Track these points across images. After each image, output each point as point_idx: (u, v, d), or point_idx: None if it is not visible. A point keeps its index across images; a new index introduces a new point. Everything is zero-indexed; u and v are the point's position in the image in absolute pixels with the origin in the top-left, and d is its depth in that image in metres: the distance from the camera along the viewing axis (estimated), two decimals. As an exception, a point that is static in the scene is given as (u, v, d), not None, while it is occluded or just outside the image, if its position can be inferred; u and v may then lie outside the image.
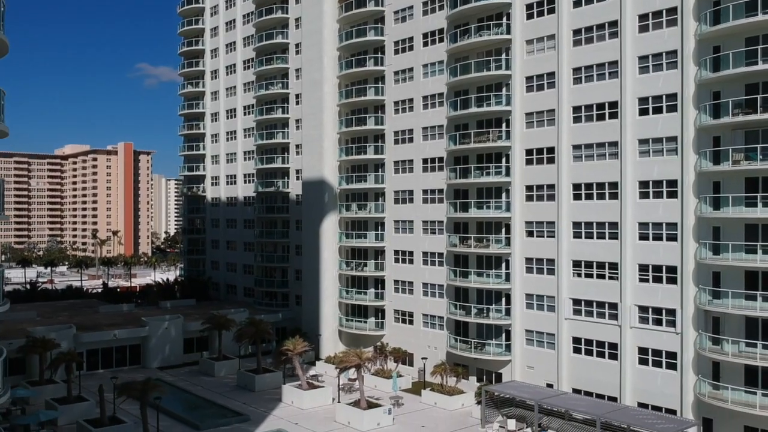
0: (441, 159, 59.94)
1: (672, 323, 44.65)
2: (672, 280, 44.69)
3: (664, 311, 45.12)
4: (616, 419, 42.49)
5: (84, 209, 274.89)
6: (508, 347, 54.36)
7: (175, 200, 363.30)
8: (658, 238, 45.47)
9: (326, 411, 51.87)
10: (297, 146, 76.67)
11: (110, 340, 64.00)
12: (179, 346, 68.14)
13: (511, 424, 46.80)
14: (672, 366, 44.65)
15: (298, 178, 76.37)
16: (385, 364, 60.30)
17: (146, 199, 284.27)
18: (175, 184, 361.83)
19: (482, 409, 48.84)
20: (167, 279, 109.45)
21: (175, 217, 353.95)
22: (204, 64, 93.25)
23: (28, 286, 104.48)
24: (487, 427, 47.49)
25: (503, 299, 55.01)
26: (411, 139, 62.90)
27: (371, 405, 49.33)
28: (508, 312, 54.37)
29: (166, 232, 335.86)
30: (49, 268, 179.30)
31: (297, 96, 76.58)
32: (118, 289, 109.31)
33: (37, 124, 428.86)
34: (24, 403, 48.52)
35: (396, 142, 64.41)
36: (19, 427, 44.13)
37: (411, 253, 63.03)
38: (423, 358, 57.88)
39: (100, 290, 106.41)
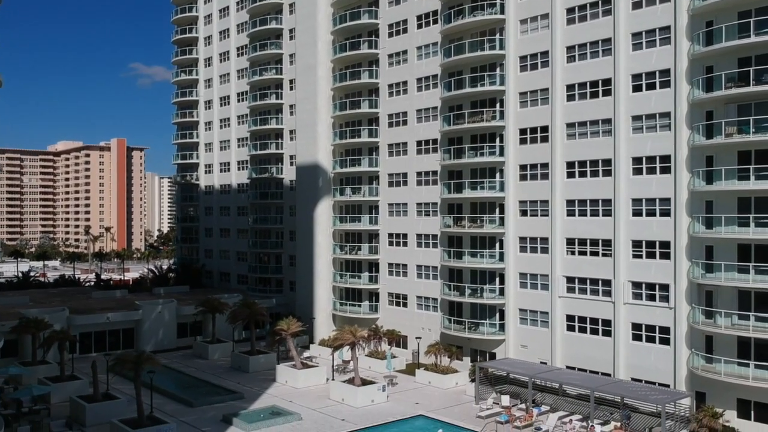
0: (435, 141, 59.99)
1: (665, 298, 44.81)
2: (665, 256, 44.84)
3: (657, 286, 45.27)
4: (609, 392, 42.62)
5: (77, 206, 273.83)
6: (502, 327, 54.44)
7: (169, 198, 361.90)
8: (651, 213, 45.63)
9: (320, 390, 51.84)
10: (291, 132, 76.61)
11: (103, 323, 63.77)
12: (173, 331, 67.95)
13: (505, 400, 46.88)
14: (665, 341, 44.79)
15: (292, 164, 76.29)
16: (379, 345, 60.29)
17: (139, 196, 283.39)
18: (169, 182, 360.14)
19: (476, 387, 48.90)
20: (161, 266, 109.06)
21: (169, 215, 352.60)
22: (197, 52, 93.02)
23: (20, 276, 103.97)
24: (481, 403, 47.52)
25: (497, 279, 55.08)
26: (405, 122, 62.93)
27: (365, 382, 49.29)
28: (501, 291, 54.44)
29: (159, 230, 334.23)
30: (41, 262, 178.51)
31: (291, 81, 76.54)
32: (111, 281, 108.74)
33: (30, 122, 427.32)
34: (17, 382, 48.31)
35: (390, 125, 64.43)
36: (11, 402, 43.92)
37: (405, 236, 63.06)
38: (417, 338, 57.94)
39: (93, 283, 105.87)
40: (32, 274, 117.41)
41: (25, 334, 55.38)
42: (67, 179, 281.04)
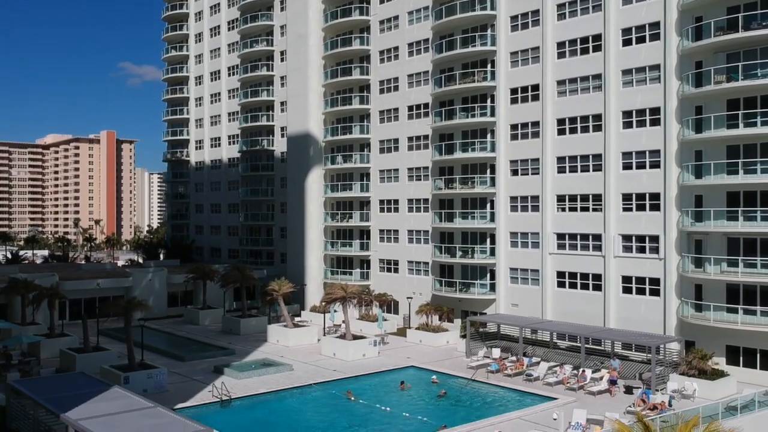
0: (426, 105, 60.08)
1: (655, 250, 45.10)
2: (655, 207, 45.12)
3: (647, 238, 45.56)
4: (600, 337, 42.93)
5: (66, 199, 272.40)
6: (493, 287, 54.62)
7: (159, 195, 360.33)
8: (641, 166, 45.90)
9: (312, 347, 51.86)
10: (282, 103, 76.56)
11: (93, 289, 63.47)
12: (163, 299, 67.77)
13: (496, 352, 47.01)
14: (655, 292, 45.06)
15: (283, 136, 76.24)
16: (370, 309, 60.35)
17: (129, 188, 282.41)
18: (158, 178, 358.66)
19: (467, 341, 49.02)
20: (151, 240, 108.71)
21: (159, 212, 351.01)
22: (188, 28, 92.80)
23: (9, 257, 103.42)
24: (472, 357, 47.64)
25: (488, 239, 55.25)
26: (396, 88, 63.02)
27: (357, 338, 49.34)
28: (492, 252, 54.63)
29: (149, 226, 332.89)
30: (30, 251, 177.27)
31: (282, 53, 76.51)
32: (101, 262, 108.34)
33: (19, 116, 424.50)
34: (5, 336, 48.06)
35: (381, 91, 64.49)
36: (1, 354, 43.71)
37: (396, 202, 63.14)
38: (408, 297, 57.97)
39: (83, 262, 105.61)
40: (22, 254, 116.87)
41: (14, 295, 55.09)
42: (56, 172, 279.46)
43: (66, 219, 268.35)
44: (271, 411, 36.68)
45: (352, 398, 38.33)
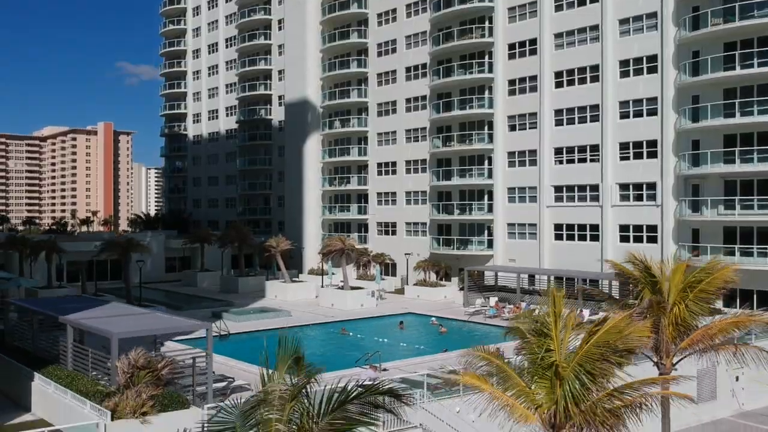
0: (424, 65, 60.15)
1: (652, 197, 45.24)
2: (652, 155, 45.28)
3: (644, 186, 45.70)
4: (596, 277, 43.19)
5: (63, 191, 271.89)
6: (491, 243, 54.70)
7: (156, 189, 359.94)
8: (638, 114, 46.05)
9: (310, 301, 52.01)
10: (280, 72, 76.60)
11: (91, 251, 63.29)
12: (161, 263, 67.80)
13: (493, 301, 47.13)
14: (652, 239, 45.19)
15: (280, 105, 76.30)
16: (368, 269, 60.41)
17: (126, 181, 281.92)
18: (156, 172, 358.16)
19: (465, 293, 49.15)
20: (148, 213, 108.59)
21: (156, 205, 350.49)
22: (185, 2, 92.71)
23: (6, 231, 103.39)
24: (470, 306, 47.74)
25: (485, 196, 55.37)
26: (394, 50, 63.07)
27: (355, 289, 49.44)
28: (490, 208, 54.74)
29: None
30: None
31: (280, 21, 76.56)
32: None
33: (15, 108, 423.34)
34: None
35: (379, 54, 64.54)
36: (-1, 299, 43.72)
37: (394, 164, 63.20)
38: (406, 254, 57.97)
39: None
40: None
41: (12, 250, 55.06)
42: (53, 164, 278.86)
43: (63, 211, 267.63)
44: (269, 343, 36.66)
45: (348, 333, 38.47)
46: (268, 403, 10.17)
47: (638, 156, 46.05)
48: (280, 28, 76.52)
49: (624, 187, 46.81)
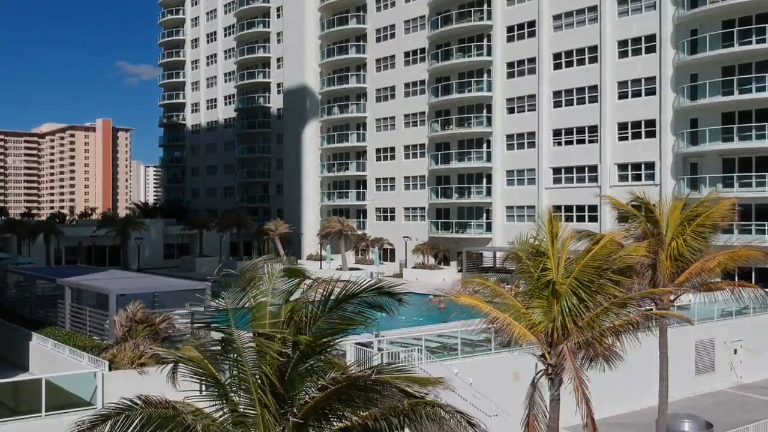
0: (423, 50, 60.17)
1: (651, 177, 45.29)
2: (651, 134, 45.34)
3: (643, 165, 45.76)
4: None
5: (61, 187, 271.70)
6: (489, 226, 54.72)
7: (154, 187, 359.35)
8: (636, 94, 46.11)
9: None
10: (278, 60, 76.61)
11: (90, 236, 63.35)
12: (159, 249, 67.77)
13: (491, 280, 47.01)
14: (650, 219, 45.14)
15: (279, 92, 76.30)
16: (367, 254, 60.47)
17: (125, 177, 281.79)
18: (154, 170, 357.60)
19: (463, 273, 49.13)
20: (146, 202, 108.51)
21: (154, 200, 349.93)
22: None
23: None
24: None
25: (484, 179, 55.39)
26: (393, 35, 63.10)
27: (353, 270, 49.45)
28: (489, 191, 54.76)
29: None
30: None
31: (278, 9, 76.57)
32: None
33: (14, 105, 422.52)
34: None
35: (378, 40, 64.58)
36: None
37: (393, 149, 63.22)
38: (405, 237, 58.01)
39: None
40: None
41: (11, 233, 55.04)
42: (51, 161, 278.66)
43: (62, 207, 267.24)
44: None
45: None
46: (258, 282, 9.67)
47: (637, 136, 46.10)
48: (278, 16, 76.53)
49: (623, 167, 46.86)
